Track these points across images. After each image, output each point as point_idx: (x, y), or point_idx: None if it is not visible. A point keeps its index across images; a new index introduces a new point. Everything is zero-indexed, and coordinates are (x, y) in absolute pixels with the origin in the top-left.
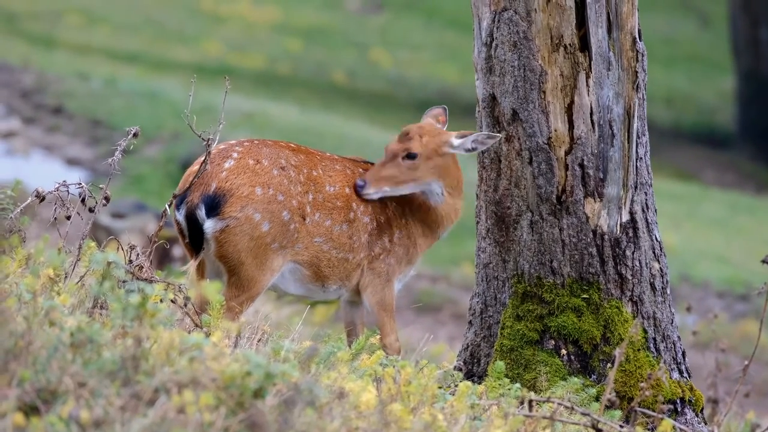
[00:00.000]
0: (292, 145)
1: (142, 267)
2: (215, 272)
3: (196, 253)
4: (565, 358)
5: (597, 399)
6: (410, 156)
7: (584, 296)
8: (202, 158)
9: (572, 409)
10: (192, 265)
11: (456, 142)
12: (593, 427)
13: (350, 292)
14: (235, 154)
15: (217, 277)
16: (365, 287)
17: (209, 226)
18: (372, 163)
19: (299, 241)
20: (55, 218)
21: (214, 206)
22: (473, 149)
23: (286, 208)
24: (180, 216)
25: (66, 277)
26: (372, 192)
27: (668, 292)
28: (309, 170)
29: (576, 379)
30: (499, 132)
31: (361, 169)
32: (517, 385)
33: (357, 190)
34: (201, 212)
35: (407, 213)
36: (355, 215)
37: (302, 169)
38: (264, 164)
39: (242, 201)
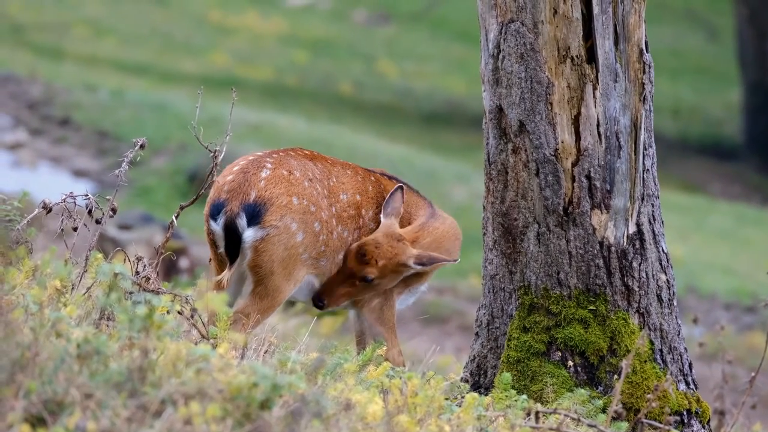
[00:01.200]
0: (307, 152)
1: (149, 278)
2: (238, 282)
3: (230, 263)
4: (572, 369)
5: (604, 410)
6: (366, 280)
7: (591, 308)
8: (235, 168)
9: (579, 420)
10: (226, 275)
11: (414, 266)
12: None
13: (351, 303)
14: (269, 164)
15: (238, 287)
16: (364, 304)
17: (249, 235)
18: (395, 178)
19: (324, 256)
20: (62, 230)
21: (255, 215)
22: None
23: (317, 219)
24: (217, 226)
25: (73, 288)
26: (332, 308)
27: (675, 303)
28: (327, 181)
29: (583, 390)
30: (505, 144)
31: (373, 177)
32: (524, 396)
33: (315, 303)
34: (242, 221)
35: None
36: (363, 221)
37: (323, 182)
38: (296, 175)
39: (282, 210)
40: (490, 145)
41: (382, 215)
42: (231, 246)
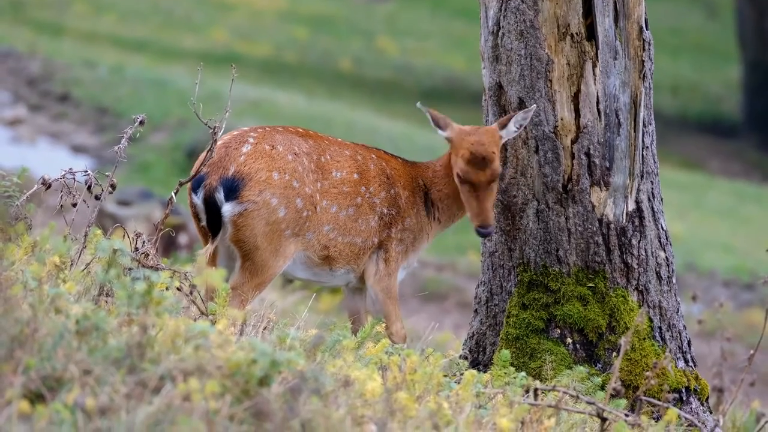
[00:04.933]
0: (300, 130)
1: (148, 254)
2: (228, 257)
3: (212, 236)
4: (571, 346)
5: (602, 388)
6: (500, 176)
7: (590, 285)
8: (219, 142)
9: (577, 397)
10: (209, 249)
11: (503, 133)
12: (598, 415)
13: (357, 277)
14: (251, 139)
15: (229, 262)
16: (370, 275)
17: (227, 209)
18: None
19: (310, 230)
20: (61, 206)
21: (232, 189)
22: (517, 129)
23: (300, 195)
24: (197, 199)
25: (72, 264)
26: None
27: (674, 281)
28: (318, 156)
29: (581, 367)
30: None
31: (373, 155)
32: (523, 373)
33: (482, 233)
34: (220, 195)
35: (419, 202)
36: (363, 199)
37: (312, 156)
38: (279, 150)
39: (260, 185)
40: (490, 122)
41: (445, 131)
42: (212, 220)
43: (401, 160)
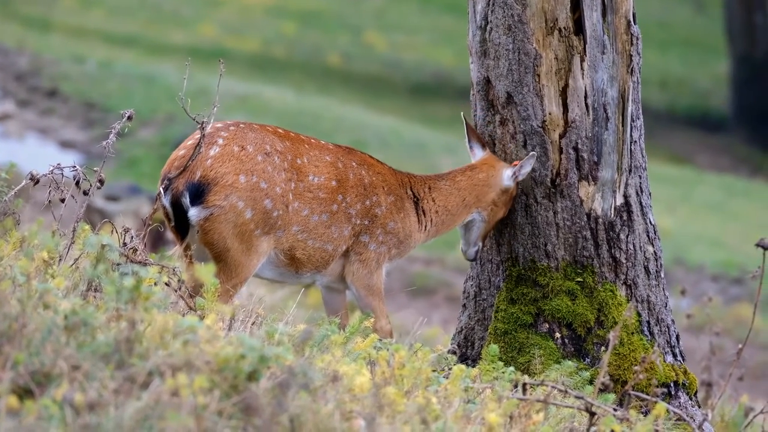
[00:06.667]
0: (280, 130)
1: (136, 250)
2: (202, 256)
3: (182, 237)
4: (559, 341)
5: (591, 382)
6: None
7: (578, 280)
8: (189, 142)
9: (566, 392)
10: (178, 249)
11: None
12: (587, 410)
13: (327, 278)
14: (220, 141)
15: (204, 260)
16: (351, 273)
17: (194, 214)
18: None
19: (280, 228)
20: (50, 201)
21: (198, 194)
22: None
23: (269, 196)
24: (166, 201)
25: (60, 260)
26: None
27: (662, 275)
28: (293, 157)
29: (570, 362)
30: (493, 115)
31: (354, 162)
32: (511, 368)
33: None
34: (185, 200)
35: (408, 208)
36: (339, 207)
37: (287, 156)
38: (249, 150)
39: (226, 190)
40: (478, 117)
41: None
42: (180, 222)
43: (386, 166)
